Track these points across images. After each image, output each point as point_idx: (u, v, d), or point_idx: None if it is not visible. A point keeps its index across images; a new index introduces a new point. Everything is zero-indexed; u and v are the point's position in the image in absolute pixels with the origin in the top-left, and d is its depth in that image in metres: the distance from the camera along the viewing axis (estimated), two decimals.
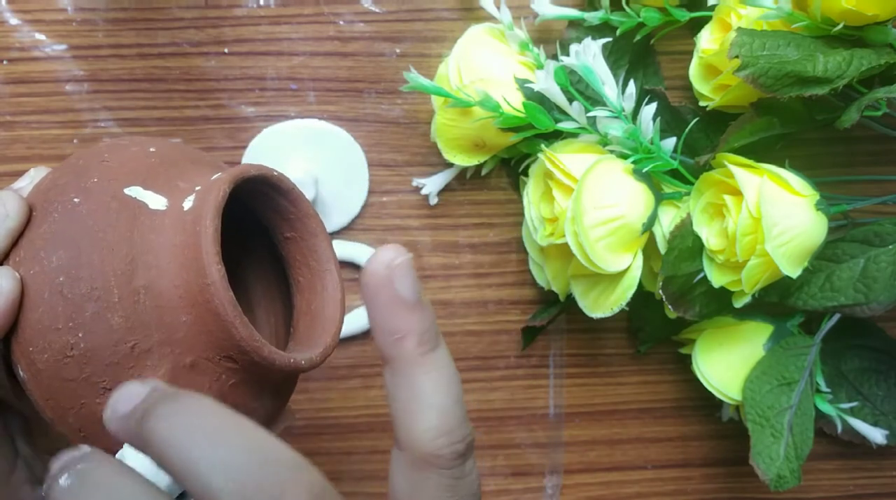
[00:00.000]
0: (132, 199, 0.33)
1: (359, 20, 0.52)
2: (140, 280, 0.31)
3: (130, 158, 0.35)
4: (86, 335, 0.30)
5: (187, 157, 0.37)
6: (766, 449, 0.48)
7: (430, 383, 0.28)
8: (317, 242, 0.37)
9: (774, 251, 0.43)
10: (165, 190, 0.34)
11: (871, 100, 0.44)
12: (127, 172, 0.34)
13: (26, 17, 0.51)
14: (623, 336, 0.57)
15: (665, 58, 0.53)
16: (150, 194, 0.33)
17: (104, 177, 0.33)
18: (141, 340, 0.31)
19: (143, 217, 0.32)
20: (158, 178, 0.34)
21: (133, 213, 0.32)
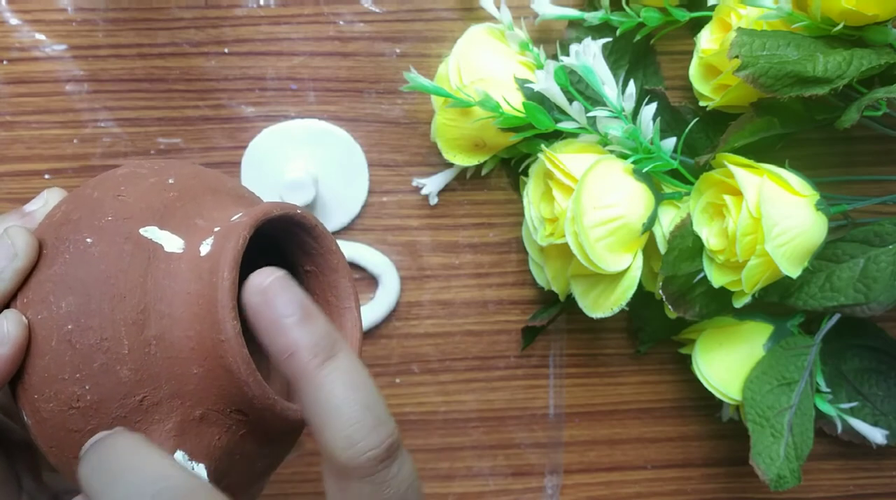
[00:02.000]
0: (147, 240, 0.31)
1: (359, 20, 0.52)
2: (152, 330, 0.30)
3: (147, 191, 0.33)
4: (93, 388, 0.29)
5: (207, 187, 0.35)
6: (766, 449, 0.48)
7: (332, 394, 0.27)
8: (337, 279, 0.36)
9: (774, 251, 0.43)
10: (183, 229, 0.32)
11: (871, 100, 0.44)
12: (143, 208, 0.32)
13: (26, 17, 0.51)
14: (623, 336, 0.57)
15: (665, 58, 0.53)
16: (166, 235, 0.32)
17: (119, 215, 0.32)
18: (150, 393, 0.30)
19: (159, 261, 0.31)
20: (176, 215, 0.33)
21: (148, 256, 0.31)
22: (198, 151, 0.52)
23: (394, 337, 0.55)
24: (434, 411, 0.56)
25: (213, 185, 0.36)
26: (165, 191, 0.33)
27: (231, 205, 0.34)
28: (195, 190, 0.34)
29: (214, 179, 0.36)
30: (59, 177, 0.52)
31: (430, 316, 0.55)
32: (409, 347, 0.55)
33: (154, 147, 0.52)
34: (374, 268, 0.54)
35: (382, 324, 0.54)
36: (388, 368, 0.55)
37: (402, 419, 0.56)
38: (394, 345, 0.55)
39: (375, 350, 0.55)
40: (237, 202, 0.35)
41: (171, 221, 0.32)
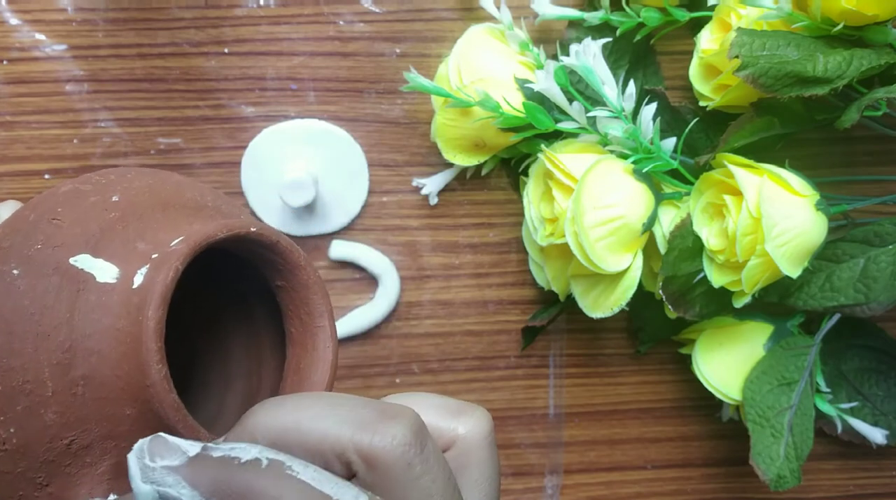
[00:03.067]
0: (78, 270, 0.29)
1: (359, 20, 0.52)
2: (79, 370, 0.28)
3: (86, 212, 0.31)
4: (17, 431, 0.28)
5: (159, 202, 0.32)
6: (766, 449, 0.48)
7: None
8: (309, 295, 0.33)
9: (774, 251, 0.43)
10: (120, 255, 0.30)
11: (871, 100, 0.44)
12: (77, 234, 0.30)
13: (26, 17, 0.51)
14: (623, 336, 0.57)
15: (665, 58, 0.53)
16: (99, 263, 0.29)
17: (50, 242, 0.29)
18: (79, 436, 0.28)
19: (89, 293, 0.29)
20: (115, 239, 0.30)
21: (77, 288, 0.29)
22: (198, 151, 0.52)
23: (394, 337, 0.55)
24: None
25: (168, 198, 0.33)
26: (106, 211, 0.31)
27: (184, 223, 0.31)
28: (143, 207, 0.32)
29: (173, 190, 0.34)
30: (59, 177, 0.52)
31: (430, 316, 0.55)
32: (409, 347, 0.55)
33: (154, 147, 0.52)
34: (374, 268, 0.54)
35: (382, 324, 0.54)
36: (388, 368, 0.55)
37: None
38: (394, 345, 0.55)
39: (375, 350, 0.55)
40: (193, 218, 0.32)
41: (107, 246, 0.30)
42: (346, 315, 0.54)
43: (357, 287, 0.54)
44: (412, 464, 0.25)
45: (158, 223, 0.31)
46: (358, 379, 0.55)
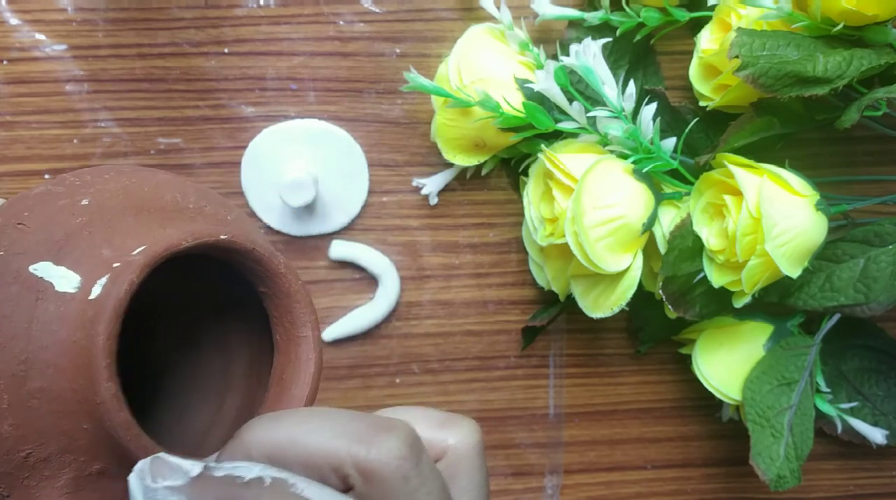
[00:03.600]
0: (38, 279, 0.28)
1: (359, 20, 0.52)
2: (35, 382, 0.27)
3: (53, 216, 0.30)
4: None
5: (132, 206, 0.31)
6: (766, 449, 0.48)
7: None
8: (291, 304, 0.32)
9: (774, 251, 0.43)
10: (83, 262, 0.29)
11: (871, 100, 0.44)
12: (41, 240, 0.29)
13: (26, 17, 0.51)
14: (623, 336, 0.57)
15: (665, 58, 0.53)
16: (60, 272, 0.28)
17: (13, 248, 0.29)
18: (35, 449, 0.28)
19: (48, 302, 0.28)
20: (79, 245, 0.29)
21: (36, 298, 0.28)
22: (198, 151, 0.52)
23: (394, 337, 0.55)
24: None
25: (144, 201, 0.32)
26: (74, 215, 0.30)
27: (156, 227, 0.30)
28: (113, 211, 0.31)
29: (151, 192, 0.32)
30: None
31: (430, 316, 0.55)
32: (409, 347, 0.55)
33: (154, 147, 0.52)
34: (374, 268, 0.54)
35: (382, 324, 0.54)
36: (388, 368, 0.55)
37: None
38: (394, 345, 0.55)
39: (375, 350, 0.55)
40: (167, 223, 0.31)
41: (70, 253, 0.29)
42: (346, 315, 0.54)
43: (357, 287, 0.54)
44: (408, 477, 0.25)
45: (128, 228, 0.30)
46: (358, 379, 0.55)
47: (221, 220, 0.34)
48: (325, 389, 0.55)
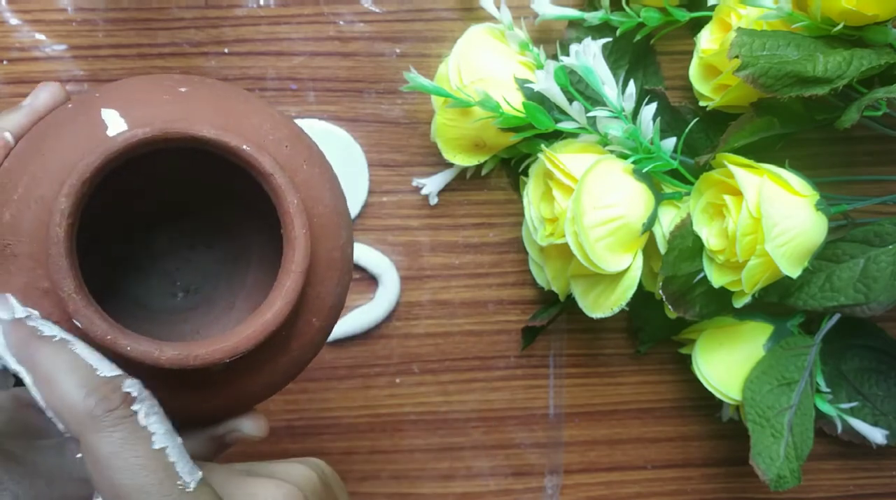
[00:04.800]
0: (101, 120, 0.32)
1: (359, 20, 0.52)
2: (42, 190, 0.31)
3: (151, 88, 0.34)
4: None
5: (219, 106, 0.34)
6: (766, 449, 0.48)
7: None
8: (282, 203, 0.32)
9: (774, 251, 0.43)
10: (138, 120, 0.32)
11: (871, 100, 0.44)
12: (124, 97, 0.33)
13: (26, 17, 0.51)
14: (623, 336, 0.57)
15: (665, 58, 0.53)
16: (117, 119, 0.32)
17: (104, 96, 0.33)
18: (14, 243, 0.31)
19: (94, 138, 0.32)
20: (148, 109, 0.33)
21: (90, 132, 0.32)
22: None
23: (394, 337, 0.55)
24: (434, 411, 0.56)
25: (230, 109, 0.34)
26: (165, 92, 0.34)
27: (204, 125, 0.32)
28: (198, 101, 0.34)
29: (238, 104, 0.35)
30: None
31: (430, 316, 0.55)
32: (409, 347, 0.55)
33: None
34: (374, 268, 0.54)
35: (382, 324, 0.54)
36: (388, 368, 0.55)
37: (402, 418, 0.56)
38: (394, 345, 0.55)
39: (375, 350, 0.55)
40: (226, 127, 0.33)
41: (135, 112, 0.33)
42: (346, 315, 0.54)
43: (357, 287, 0.54)
44: None
45: (200, 115, 0.33)
46: (358, 379, 0.55)
47: (263, 142, 0.34)
48: (325, 389, 0.55)
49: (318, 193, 0.35)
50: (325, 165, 0.37)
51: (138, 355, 0.30)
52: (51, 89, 0.35)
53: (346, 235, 0.36)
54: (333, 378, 0.55)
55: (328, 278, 0.35)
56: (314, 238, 0.34)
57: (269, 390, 0.36)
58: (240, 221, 0.41)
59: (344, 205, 0.37)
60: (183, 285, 0.41)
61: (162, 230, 0.41)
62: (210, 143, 0.32)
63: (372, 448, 0.56)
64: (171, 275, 0.41)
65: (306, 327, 0.35)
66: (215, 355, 0.31)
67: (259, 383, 0.35)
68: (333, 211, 0.35)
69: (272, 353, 0.34)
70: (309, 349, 0.36)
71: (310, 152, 0.36)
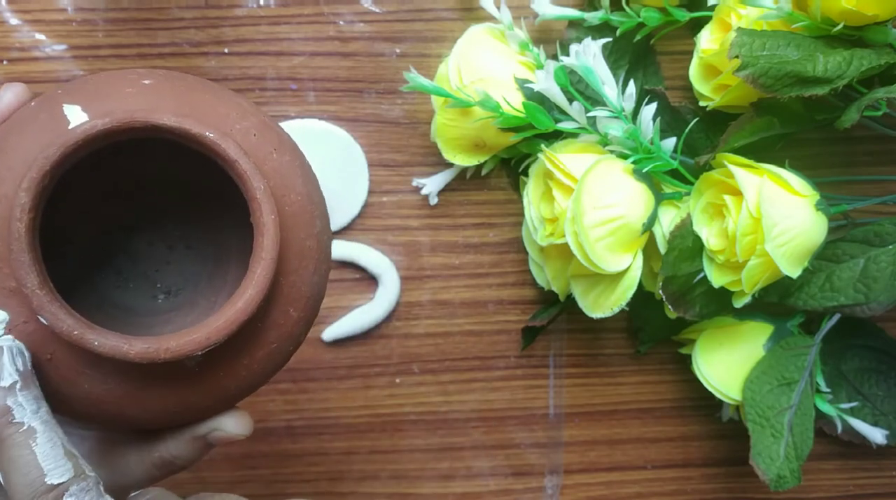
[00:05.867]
0: (62, 115, 0.32)
1: (359, 20, 0.52)
2: (5, 188, 0.31)
3: (114, 81, 0.33)
4: None
5: (183, 99, 0.33)
6: (766, 449, 0.48)
7: None
8: (248, 189, 0.32)
9: (774, 251, 0.43)
10: (97, 113, 0.32)
11: (871, 100, 0.44)
12: (90, 92, 0.33)
13: (26, 17, 0.51)
14: (623, 336, 0.57)
15: (665, 58, 0.53)
16: (78, 114, 0.32)
17: (67, 92, 0.33)
18: None
19: (53, 132, 0.31)
20: (111, 103, 0.32)
21: (51, 126, 0.31)
22: None
23: (394, 337, 0.55)
24: (434, 411, 0.56)
25: (194, 100, 0.34)
26: (129, 85, 0.34)
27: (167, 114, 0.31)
28: (163, 94, 0.33)
29: (205, 95, 0.34)
30: None
31: (430, 316, 0.55)
32: (409, 347, 0.55)
33: None
34: (374, 268, 0.54)
35: (382, 324, 0.54)
36: (388, 368, 0.55)
37: (402, 418, 0.56)
38: (394, 345, 0.55)
39: (375, 350, 0.55)
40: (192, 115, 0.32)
41: (100, 107, 0.32)
42: (346, 315, 0.54)
43: (357, 287, 0.54)
44: None
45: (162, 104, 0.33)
46: (358, 379, 0.55)
47: (229, 130, 0.34)
48: (325, 389, 0.55)
49: (290, 180, 0.34)
50: (296, 153, 0.36)
51: (107, 350, 0.30)
52: (14, 90, 0.34)
53: (320, 223, 0.35)
54: (333, 378, 0.55)
55: (303, 267, 0.34)
56: (287, 227, 0.33)
57: (249, 385, 0.35)
58: (218, 221, 0.40)
59: (318, 193, 0.36)
60: (164, 287, 0.40)
61: (141, 232, 0.40)
62: (171, 131, 0.31)
63: (372, 448, 0.56)
64: (152, 277, 0.40)
65: (283, 319, 0.34)
66: (186, 348, 0.30)
67: (237, 378, 0.34)
68: (306, 199, 0.35)
69: (248, 345, 0.33)
70: (288, 342, 0.35)
71: (280, 140, 0.35)
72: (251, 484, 0.55)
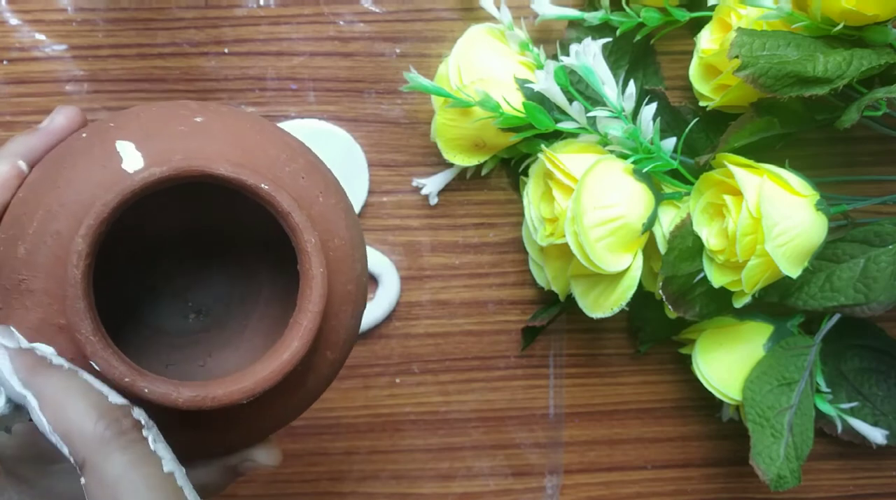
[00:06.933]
0: (115, 152, 0.32)
1: (359, 20, 0.52)
2: (59, 224, 0.31)
3: (166, 117, 0.34)
4: (3, 254, 0.32)
5: (237, 143, 0.34)
6: (766, 449, 0.48)
7: None
8: (300, 242, 0.32)
9: (774, 251, 0.43)
10: (154, 155, 0.32)
11: (871, 100, 0.44)
12: (141, 127, 0.33)
13: (26, 17, 0.51)
14: (623, 336, 0.57)
15: (665, 58, 0.53)
16: (133, 152, 0.32)
17: (119, 127, 0.33)
18: (30, 278, 0.31)
19: (110, 171, 0.32)
20: (165, 142, 0.33)
21: (104, 164, 0.32)
22: None
23: (394, 337, 0.55)
24: (434, 411, 0.56)
25: (247, 142, 0.34)
26: (181, 123, 0.34)
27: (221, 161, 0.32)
28: (212, 134, 0.34)
29: (256, 137, 0.35)
30: None
31: (430, 316, 0.55)
32: (409, 347, 0.55)
33: None
34: (374, 268, 0.54)
35: (382, 324, 0.54)
36: (388, 368, 0.55)
37: (402, 418, 0.56)
38: (394, 345, 0.55)
39: (375, 350, 0.55)
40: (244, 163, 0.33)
41: (154, 145, 0.32)
42: None
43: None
44: None
45: (211, 151, 0.33)
46: (358, 379, 0.55)
47: (280, 174, 0.34)
48: None
49: (334, 225, 0.35)
50: (340, 195, 0.36)
51: (156, 397, 0.30)
52: (67, 113, 0.35)
53: (360, 266, 0.36)
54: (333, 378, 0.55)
55: (343, 311, 0.35)
56: (330, 272, 0.34)
57: (282, 422, 0.36)
58: (250, 242, 0.40)
59: (359, 235, 0.37)
60: (195, 307, 0.41)
61: (174, 252, 0.41)
62: (228, 181, 0.32)
63: (372, 448, 0.56)
64: (183, 296, 0.41)
65: (320, 361, 0.35)
66: (233, 397, 0.31)
67: (274, 418, 0.35)
68: (349, 243, 0.35)
69: (288, 388, 0.34)
70: (323, 383, 0.36)
71: (325, 183, 0.36)
72: (251, 484, 0.55)
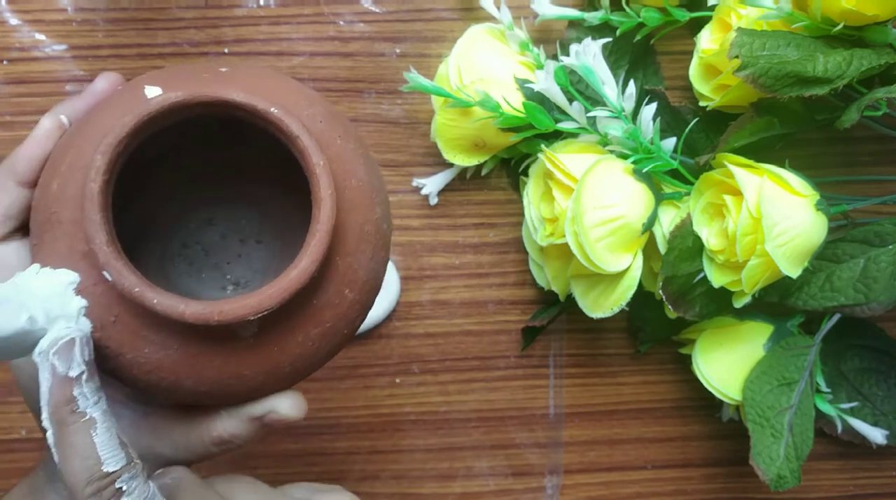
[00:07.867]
0: (142, 93, 0.34)
1: (359, 20, 0.52)
2: (86, 159, 0.32)
3: (193, 69, 0.35)
4: (39, 191, 0.34)
5: (258, 84, 0.35)
6: (766, 449, 0.48)
7: None
8: (308, 164, 0.33)
9: (774, 251, 0.43)
10: (175, 89, 0.33)
11: (871, 100, 0.44)
12: (167, 74, 0.35)
13: (26, 17, 0.51)
14: (623, 336, 0.57)
15: (665, 58, 0.53)
16: (157, 92, 0.34)
17: (149, 75, 0.35)
18: (61, 211, 0.33)
19: (136, 105, 0.32)
20: (186, 83, 0.34)
21: (133, 102, 0.33)
22: None
23: (394, 337, 0.55)
24: (434, 411, 0.56)
25: (269, 85, 0.36)
26: (205, 71, 0.36)
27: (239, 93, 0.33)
28: (236, 79, 0.35)
29: (278, 83, 0.36)
30: None
31: (430, 316, 0.55)
32: (409, 347, 0.55)
33: None
34: None
35: (382, 324, 0.54)
36: (388, 368, 0.55)
37: (402, 418, 0.56)
38: (394, 345, 0.55)
39: (375, 350, 0.55)
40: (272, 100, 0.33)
41: (175, 85, 0.34)
42: None
43: None
44: None
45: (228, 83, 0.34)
46: (358, 379, 0.55)
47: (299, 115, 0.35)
48: (325, 389, 0.55)
49: (352, 166, 0.35)
50: (360, 143, 0.37)
51: (164, 308, 0.31)
52: (109, 77, 0.37)
53: (381, 211, 0.36)
54: (333, 378, 0.55)
55: (360, 250, 0.35)
56: (346, 209, 0.34)
57: (303, 365, 0.35)
58: (289, 218, 0.41)
59: (380, 184, 0.37)
60: (233, 279, 0.42)
61: (215, 225, 0.42)
62: (239, 106, 0.32)
63: (372, 448, 0.56)
64: (222, 269, 0.42)
65: (338, 298, 0.35)
66: (240, 312, 0.31)
67: (291, 354, 0.35)
68: (367, 185, 0.36)
69: (303, 321, 0.34)
70: (343, 323, 0.36)
71: (345, 129, 0.36)
72: None
